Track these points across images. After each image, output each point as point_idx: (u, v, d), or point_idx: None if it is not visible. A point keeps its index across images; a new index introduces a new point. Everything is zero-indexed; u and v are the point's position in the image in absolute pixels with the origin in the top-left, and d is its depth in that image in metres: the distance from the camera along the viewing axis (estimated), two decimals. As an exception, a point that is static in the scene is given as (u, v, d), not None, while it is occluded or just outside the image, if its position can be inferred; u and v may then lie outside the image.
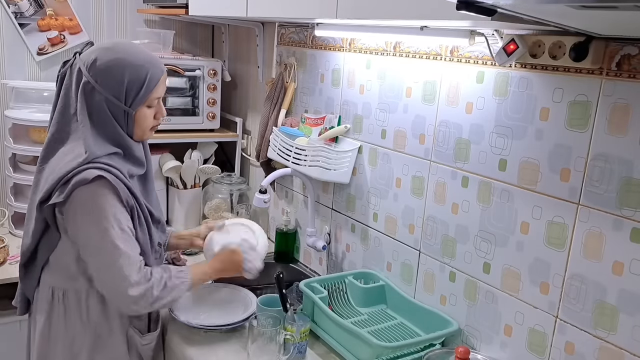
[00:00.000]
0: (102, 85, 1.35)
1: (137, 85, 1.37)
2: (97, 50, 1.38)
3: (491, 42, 1.37)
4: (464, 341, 1.53)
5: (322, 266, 2.09)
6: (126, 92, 1.37)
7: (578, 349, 1.26)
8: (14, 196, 2.28)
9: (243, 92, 2.63)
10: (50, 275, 1.45)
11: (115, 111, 1.38)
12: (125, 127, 1.41)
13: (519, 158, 1.35)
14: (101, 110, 1.36)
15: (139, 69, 1.37)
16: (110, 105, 1.37)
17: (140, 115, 1.41)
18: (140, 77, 1.37)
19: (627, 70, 1.13)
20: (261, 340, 1.44)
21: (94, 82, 1.35)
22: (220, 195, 2.42)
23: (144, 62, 1.39)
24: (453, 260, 1.55)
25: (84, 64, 1.36)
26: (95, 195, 1.32)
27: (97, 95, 1.36)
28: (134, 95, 1.38)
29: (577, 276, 1.25)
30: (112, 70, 1.35)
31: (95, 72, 1.35)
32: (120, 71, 1.35)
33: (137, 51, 1.40)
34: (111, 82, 1.35)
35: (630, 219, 1.14)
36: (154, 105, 1.44)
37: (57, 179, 1.32)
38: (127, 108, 1.38)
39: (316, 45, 2.02)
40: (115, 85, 1.35)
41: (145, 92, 1.39)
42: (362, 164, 1.85)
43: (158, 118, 1.48)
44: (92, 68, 1.35)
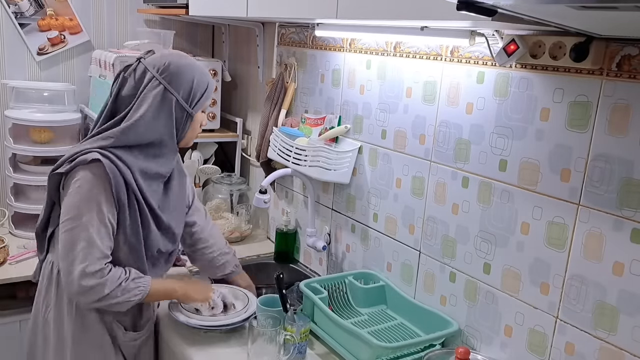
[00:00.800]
0: (175, 87, 1.44)
1: (201, 89, 1.49)
2: (168, 56, 1.48)
3: (491, 42, 1.37)
4: (464, 342, 1.53)
5: (322, 266, 2.09)
6: (192, 94, 1.47)
7: (578, 349, 1.26)
8: (14, 196, 2.29)
9: (243, 92, 2.63)
10: (53, 250, 1.50)
11: (178, 113, 1.46)
12: (182, 129, 1.50)
13: (519, 158, 1.35)
14: (169, 111, 1.45)
15: (204, 75, 1.50)
16: (177, 107, 1.45)
17: (196, 119, 1.53)
18: (204, 83, 1.50)
19: (628, 71, 1.13)
20: (261, 340, 1.44)
21: (167, 83, 1.44)
22: (221, 196, 2.42)
23: (206, 71, 1.53)
24: (453, 261, 1.55)
25: (154, 68, 1.45)
26: (87, 177, 1.38)
27: (169, 97, 1.44)
28: (198, 99, 1.49)
29: (577, 277, 1.25)
30: (184, 73, 1.46)
31: (168, 75, 1.44)
32: (190, 75, 1.46)
33: (198, 62, 1.54)
34: (183, 84, 1.45)
35: (631, 219, 1.14)
36: (205, 111, 1.58)
37: (73, 152, 1.42)
38: (190, 110, 1.48)
39: (316, 46, 2.02)
40: (186, 88, 1.46)
41: (206, 96, 1.51)
42: (362, 164, 1.85)
43: (203, 125, 1.59)
44: (165, 71, 1.44)
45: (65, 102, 2.37)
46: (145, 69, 1.45)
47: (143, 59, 1.48)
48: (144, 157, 1.45)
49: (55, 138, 2.31)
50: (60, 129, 2.32)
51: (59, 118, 2.30)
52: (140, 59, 1.48)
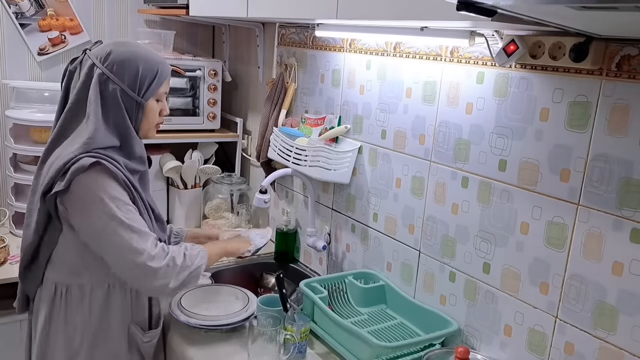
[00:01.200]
0: (118, 75, 1.39)
1: (149, 77, 1.42)
2: (110, 45, 1.43)
3: (491, 42, 1.37)
4: (464, 341, 1.53)
5: (322, 266, 2.10)
6: (140, 82, 1.41)
7: (578, 349, 1.26)
8: (14, 196, 2.29)
9: (243, 93, 2.63)
10: (53, 271, 1.45)
11: (127, 102, 1.41)
12: (134, 119, 1.44)
13: (519, 158, 1.35)
14: (115, 101, 1.39)
15: (151, 62, 1.43)
16: (124, 96, 1.40)
17: (149, 108, 1.46)
18: (152, 70, 1.43)
19: (627, 71, 1.13)
20: (261, 340, 1.44)
21: (109, 72, 1.38)
22: (221, 196, 2.43)
23: (155, 58, 1.46)
24: (453, 261, 1.55)
25: (97, 58, 1.40)
26: (95, 181, 1.33)
27: (112, 86, 1.39)
28: (147, 86, 1.43)
29: (577, 276, 1.25)
30: (127, 61, 1.40)
31: (110, 64, 1.39)
32: (135, 63, 1.40)
33: (148, 49, 1.48)
34: (126, 72, 1.40)
35: (630, 219, 1.15)
36: (161, 100, 1.50)
37: (58, 168, 1.33)
38: (139, 98, 1.42)
39: (316, 46, 2.02)
40: (130, 76, 1.40)
41: (156, 84, 1.44)
42: (362, 164, 1.85)
43: (162, 115, 1.52)
44: (107, 60, 1.39)
45: (66, 102, 2.37)
46: (90, 60, 1.40)
47: (89, 50, 1.44)
48: (121, 154, 1.42)
49: (55, 138, 2.31)
50: (60, 129, 2.32)
51: (60, 118, 2.30)
52: (85, 49, 1.45)
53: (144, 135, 1.50)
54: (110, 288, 1.45)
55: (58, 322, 1.45)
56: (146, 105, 1.44)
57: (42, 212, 1.39)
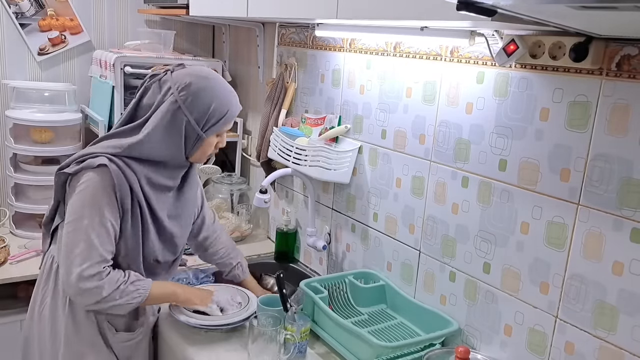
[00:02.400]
0: (189, 108, 1.42)
1: (218, 115, 1.45)
2: (192, 76, 1.44)
3: (491, 42, 1.37)
4: (464, 341, 1.53)
5: (322, 266, 2.10)
6: (207, 119, 1.44)
7: (578, 348, 1.26)
8: (14, 196, 2.29)
9: (243, 93, 2.63)
10: (54, 244, 1.51)
11: (189, 133, 1.44)
12: (190, 148, 1.47)
13: (519, 158, 1.35)
14: (179, 128, 1.43)
15: (224, 102, 1.46)
16: (188, 127, 1.43)
17: (207, 142, 1.49)
18: (223, 110, 1.45)
19: (627, 71, 1.13)
20: (261, 340, 1.44)
21: (182, 102, 1.41)
22: (221, 195, 2.42)
23: (229, 97, 1.48)
24: (453, 260, 1.55)
25: (175, 84, 1.42)
26: (93, 181, 1.38)
27: (180, 115, 1.42)
28: (212, 124, 1.45)
29: (577, 276, 1.25)
30: (202, 97, 1.42)
31: (186, 94, 1.42)
32: (208, 100, 1.43)
33: (226, 86, 1.49)
34: (198, 107, 1.42)
35: (630, 219, 1.15)
36: (221, 135, 1.53)
37: (82, 153, 1.43)
38: (202, 133, 1.45)
39: (316, 46, 2.02)
40: (200, 111, 1.43)
41: (222, 123, 1.47)
42: (362, 164, 1.85)
43: (217, 147, 1.55)
44: (184, 90, 1.42)
45: (66, 102, 2.37)
46: (169, 82, 1.44)
47: (171, 72, 1.47)
48: (150, 167, 1.45)
49: (55, 138, 2.31)
50: (60, 129, 2.32)
51: (60, 118, 2.30)
52: (168, 70, 1.47)
53: (195, 161, 1.54)
54: None
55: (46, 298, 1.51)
56: (206, 139, 1.47)
57: (55, 187, 1.48)
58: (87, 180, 1.38)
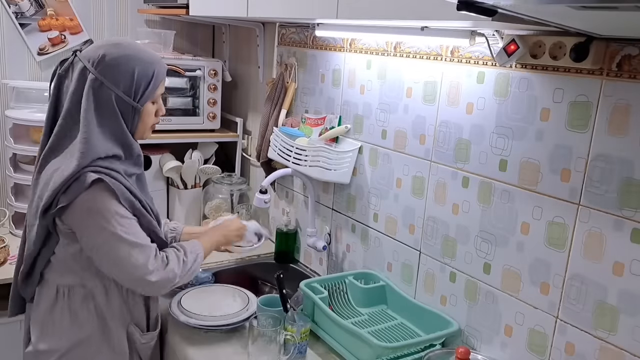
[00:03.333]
0: (112, 80, 1.33)
1: (145, 80, 1.37)
2: (103, 47, 1.36)
3: (492, 42, 1.37)
4: (464, 341, 1.53)
5: (322, 266, 2.09)
6: (135, 87, 1.36)
7: (578, 349, 1.26)
8: (14, 196, 2.29)
9: (243, 93, 2.63)
10: (54, 274, 1.44)
11: (123, 108, 1.36)
12: (130, 124, 1.40)
13: (520, 158, 1.35)
14: (109, 106, 1.34)
15: (147, 65, 1.38)
16: (119, 101, 1.35)
17: (145, 112, 1.42)
18: (148, 73, 1.37)
19: (628, 71, 1.13)
20: (261, 340, 1.44)
21: (103, 77, 1.33)
22: (221, 196, 2.42)
23: (151, 58, 1.40)
24: (453, 261, 1.55)
25: (89, 61, 1.34)
26: (96, 199, 1.31)
27: (106, 91, 1.34)
28: (143, 90, 1.38)
29: (578, 277, 1.25)
30: (121, 65, 1.34)
31: (103, 68, 1.33)
32: (130, 66, 1.35)
33: (143, 48, 1.41)
34: (121, 77, 1.34)
35: (631, 219, 1.14)
36: (157, 101, 1.46)
37: (58, 184, 1.30)
38: (135, 104, 1.37)
39: (317, 46, 2.02)
40: (126, 80, 1.35)
41: (152, 87, 1.39)
42: (363, 164, 1.85)
43: (158, 115, 1.48)
44: (100, 64, 1.33)
45: (66, 102, 2.37)
46: (82, 63, 1.33)
47: (79, 51, 1.37)
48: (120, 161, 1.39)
49: (55, 138, 2.31)
50: (60, 129, 2.32)
51: (60, 118, 2.30)
52: (75, 51, 1.38)
53: (139, 137, 1.46)
54: (109, 289, 1.44)
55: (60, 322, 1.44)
56: (142, 109, 1.40)
57: (42, 227, 1.37)
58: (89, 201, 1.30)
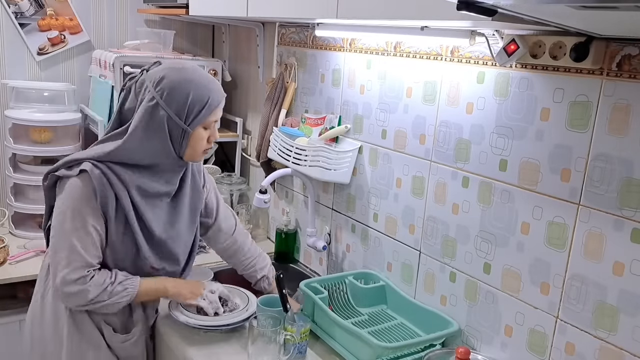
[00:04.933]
0: (167, 102, 1.38)
1: (198, 105, 1.40)
2: (165, 69, 1.42)
3: (492, 42, 1.37)
4: (464, 341, 1.53)
5: (322, 266, 2.09)
6: (187, 111, 1.40)
7: (578, 349, 1.26)
8: (14, 196, 2.29)
9: (243, 92, 2.63)
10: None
11: (173, 129, 1.41)
12: (178, 145, 1.43)
13: (520, 158, 1.35)
14: (160, 126, 1.39)
15: (202, 91, 1.41)
16: (170, 122, 1.40)
17: (195, 136, 1.44)
18: (202, 98, 1.41)
19: (628, 71, 1.13)
20: (261, 340, 1.43)
21: (159, 98, 1.38)
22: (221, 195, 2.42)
23: (208, 85, 1.43)
24: (453, 261, 1.55)
25: (151, 81, 1.40)
26: (76, 187, 1.39)
27: (160, 112, 1.39)
28: (195, 115, 1.41)
29: (578, 276, 1.25)
30: (178, 88, 1.39)
31: (161, 89, 1.39)
32: (185, 90, 1.39)
33: (203, 74, 1.45)
34: (176, 99, 1.39)
35: (631, 219, 1.14)
36: (210, 127, 1.48)
37: (70, 159, 1.43)
38: (185, 126, 1.41)
39: (316, 45, 2.02)
40: (179, 103, 1.39)
41: (205, 113, 1.42)
42: (363, 164, 1.85)
43: (211, 141, 1.50)
44: (159, 84, 1.39)
45: (66, 102, 2.37)
46: (145, 81, 1.42)
47: (146, 71, 1.45)
48: (141, 174, 1.43)
49: (55, 138, 2.31)
50: (60, 129, 2.32)
51: (59, 118, 2.30)
52: (143, 70, 1.46)
53: (188, 159, 1.49)
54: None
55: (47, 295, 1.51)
56: (192, 133, 1.43)
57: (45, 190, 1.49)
58: (69, 185, 1.39)
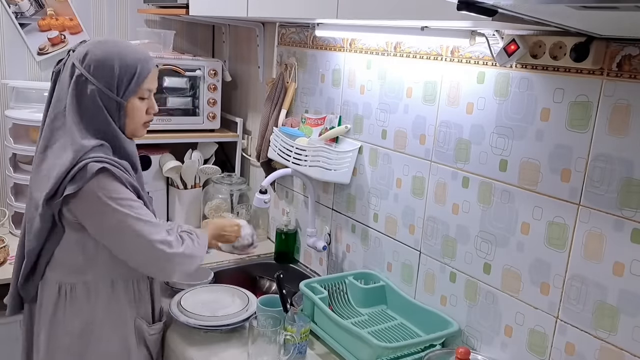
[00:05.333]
0: (94, 76, 1.37)
1: (128, 75, 1.39)
2: (89, 45, 1.41)
3: (492, 42, 1.37)
4: (465, 342, 1.53)
5: (322, 266, 2.09)
6: (117, 82, 1.38)
7: (578, 349, 1.26)
8: (14, 196, 2.28)
9: (243, 92, 2.63)
10: (55, 271, 1.44)
11: (107, 103, 1.38)
12: (117, 119, 1.41)
13: (520, 158, 1.35)
14: (93, 101, 1.37)
15: (129, 61, 1.39)
16: (102, 96, 1.38)
17: (131, 107, 1.42)
18: (131, 68, 1.39)
19: (628, 71, 1.13)
20: (261, 340, 1.44)
21: (86, 73, 1.37)
22: (221, 196, 2.42)
23: (134, 54, 1.41)
24: (453, 261, 1.55)
25: (76, 58, 1.39)
26: (105, 186, 1.33)
27: (89, 86, 1.37)
28: (126, 85, 1.39)
29: (578, 277, 1.25)
30: (103, 61, 1.37)
31: (87, 64, 1.37)
32: (111, 62, 1.37)
33: (127, 45, 1.45)
34: (103, 72, 1.37)
35: (631, 219, 1.14)
36: (145, 97, 1.45)
37: (62, 173, 1.32)
38: (118, 98, 1.39)
39: (317, 46, 2.02)
40: (107, 76, 1.37)
41: (136, 82, 1.40)
42: (363, 164, 1.85)
43: (150, 113, 1.48)
44: (84, 60, 1.38)
45: (66, 102, 2.37)
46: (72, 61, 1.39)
47: (72, 51, 1.42)
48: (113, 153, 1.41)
49: (55, 138, 2.31)
50: (60, 129, 2.32)
51: (59, 118, 2.30)
52: (70, 50, 1.44)
53: (130, 134, 1.46)
54: (114, 283, 1.45)
55: (65, 320, 1.44)
56: (127, 104, 1.41)
57: (46, 218, 1.38)
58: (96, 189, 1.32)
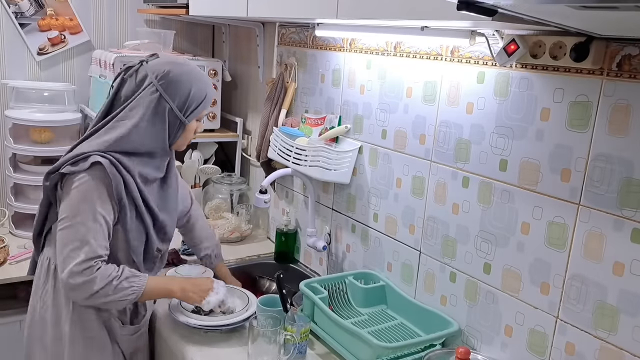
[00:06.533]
0: (170, 95, 1.46)
1: (197, 100, 1.50)
2: (169, 64, 1.49)
3: (492, 42, 1.37)
4: (465, 342, 1.53)
5: (322, 266, 2.09)
6: (188, 104, 1.49)
7: (578, 349, 1.26)
8: (14, 196, 2.29)
9: (243, 92, 2.63)
10: (50, 247, 1.51)
11: (172, 120, 1.48)
12: (173, 135, 1.51)
13: (520, 158, 1.35)
14: (162, 118, 1.47)
15: (202, 86, 1.51)
16: (171, 114, 1.47)
17: (190, 127, 1.54)
18: (201, 93, 1.51)
19: (628, 71, 1.13)
20: (261, 340, 1.43)
21: (163, 90, 1.45)
22: (221, 196, 2.42)
23: (206, 81, 1.55)
24: (453, 261, 1.55)
25: (154, 74, 1.46)
26: (87, 180, 1.40)
27: (163, 104, 1.46)
28: (193, 108, 1.50)
29: (578, 277, 1.25)
30: (181, 83, 1.47)
31: (166, 82, 1.46)
32: (188, 85, 1.48)
33: (201, 72, 1.56)
34: (179, 93, 1.47)
35: (631, 219, 1.14)
36: (201, 120, 1.59)
37: (73, 154, 1.43)
38: (184, 119, 1.50)
39: (317, 45, 2.02)
40: (182, 97, 1.47)
41: (202, 107, 1.52)
42: (363, 164, 1.85)
43: (197, 133, 1.60)
44: (164, 78, 1.46)
45: (66, 102, 2.37)
46: (146, 73, 1.47)
47: (145, 62, 1.49)
48: (139, 161, 1.48)
49: (55, 138, 2.31)
50: (60, 129, 2.32)
51: (59, 118, 2.30)
52: (142, 61, 1.50)
53: (176, 148, 1.59)
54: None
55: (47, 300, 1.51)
56: (188, 125, 1.52)
57: (46, 191, 1.49)
58: (81, 180, 1.40)
